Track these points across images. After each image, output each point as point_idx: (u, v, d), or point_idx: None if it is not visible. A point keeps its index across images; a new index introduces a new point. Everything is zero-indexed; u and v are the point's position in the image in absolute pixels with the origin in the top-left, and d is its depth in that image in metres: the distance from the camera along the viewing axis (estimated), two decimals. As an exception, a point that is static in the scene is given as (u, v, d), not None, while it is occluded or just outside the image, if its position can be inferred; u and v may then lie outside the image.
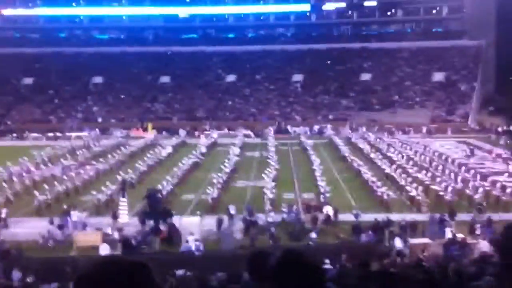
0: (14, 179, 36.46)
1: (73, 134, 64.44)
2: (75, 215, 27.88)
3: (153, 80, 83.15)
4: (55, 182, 35.10)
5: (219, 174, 36.39)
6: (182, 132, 64.24)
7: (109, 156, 45.84)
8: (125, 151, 49.17)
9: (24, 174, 38.64)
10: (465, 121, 68.06)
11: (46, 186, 33.47)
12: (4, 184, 34.64)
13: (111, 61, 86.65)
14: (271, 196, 31.17)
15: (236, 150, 47.79)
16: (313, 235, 25.41)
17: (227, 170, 38.72)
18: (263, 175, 36.52)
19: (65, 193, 33.54)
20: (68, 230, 27.04)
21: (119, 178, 34.34)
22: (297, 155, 49.23)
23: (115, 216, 28.09)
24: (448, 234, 24.46)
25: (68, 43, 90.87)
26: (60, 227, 27.00)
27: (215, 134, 61.87)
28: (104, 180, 35.39)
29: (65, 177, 37.21)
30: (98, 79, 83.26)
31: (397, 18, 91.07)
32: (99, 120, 73.68)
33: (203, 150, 49.57)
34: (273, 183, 33.97)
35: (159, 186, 32.40)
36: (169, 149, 49.91)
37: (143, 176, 38.91)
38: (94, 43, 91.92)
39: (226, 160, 42.03)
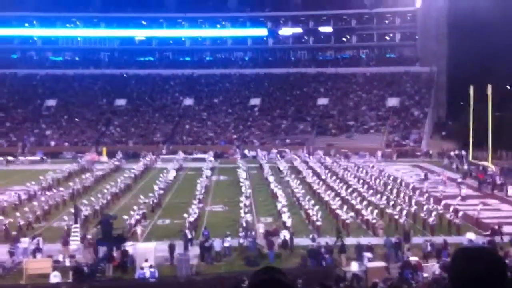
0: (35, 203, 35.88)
1: (25, 158, 62.70)
2: (25, 242, 26.92)
3: (108, 103, 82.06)
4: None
5: (196, 199, 36.00)
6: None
7: (118, 180, 44.19)
8: (130, 175, 48.05)
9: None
10: (419, 145, 69.52)
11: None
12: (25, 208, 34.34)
13: (65, 83, 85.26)
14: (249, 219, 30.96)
15: (208, 173, 48.01)
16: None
17: (201, 194, 38.44)
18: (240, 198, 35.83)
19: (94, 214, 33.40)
20: (18, 257, 26.05)
21: (140, 201, 34.89)
22: (255, 179, 49.03)
23: (65, 243, 27.18)
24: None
25: (21, 65, 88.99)
26: (10, 254, 26.02)
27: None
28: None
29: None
30: (51, 102, 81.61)
31: (351, 44, 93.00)
32: (52, 144, 71.99)
33: (173, 174, 49.21)
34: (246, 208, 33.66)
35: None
36: (173, 173, 49.43)
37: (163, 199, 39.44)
38: (48, 65, 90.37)
39: (198, 184, 41.77)
